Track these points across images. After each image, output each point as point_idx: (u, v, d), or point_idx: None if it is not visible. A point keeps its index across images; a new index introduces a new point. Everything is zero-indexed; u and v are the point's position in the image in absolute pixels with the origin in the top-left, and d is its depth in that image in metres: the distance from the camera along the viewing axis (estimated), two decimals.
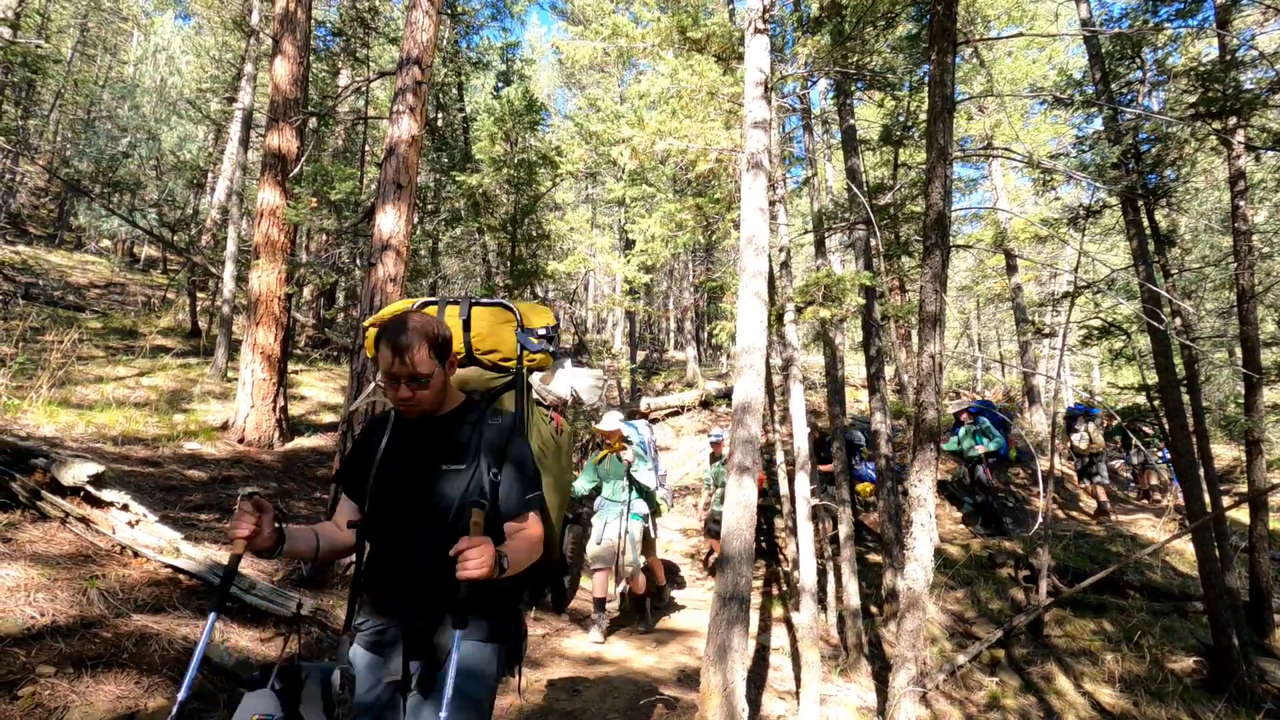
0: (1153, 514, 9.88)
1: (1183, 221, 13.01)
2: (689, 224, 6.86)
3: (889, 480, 6.26)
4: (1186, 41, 7.67)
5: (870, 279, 6.10)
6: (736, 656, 3.56)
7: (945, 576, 7.41)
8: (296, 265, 8.82)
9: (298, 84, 8.16)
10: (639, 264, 11.31)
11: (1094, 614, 6.86)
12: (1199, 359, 7.52)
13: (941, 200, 4.05)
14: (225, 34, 17.38)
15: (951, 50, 4.18)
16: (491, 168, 9.38)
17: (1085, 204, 7.04)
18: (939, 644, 6.30)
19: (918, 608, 3.67)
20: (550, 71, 26.17)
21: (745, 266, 4.27)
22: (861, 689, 5.25)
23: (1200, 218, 13.57)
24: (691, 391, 14.95)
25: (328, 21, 11.93)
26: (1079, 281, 7.06)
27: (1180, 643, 6.40)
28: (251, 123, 15.45)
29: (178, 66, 21.91)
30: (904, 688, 3.61)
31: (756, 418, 4.02)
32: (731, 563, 3.74)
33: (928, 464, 3.85)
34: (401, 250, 5.54)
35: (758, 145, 4.40)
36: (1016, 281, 13.89)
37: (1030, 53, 13.10)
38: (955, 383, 19.06)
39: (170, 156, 17.79)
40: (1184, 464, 5.96)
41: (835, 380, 6.77)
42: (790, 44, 6.48)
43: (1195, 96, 5.95)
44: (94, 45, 23.91)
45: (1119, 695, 5.73)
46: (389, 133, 5.86)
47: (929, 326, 3.95)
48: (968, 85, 11.96)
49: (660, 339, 25.77)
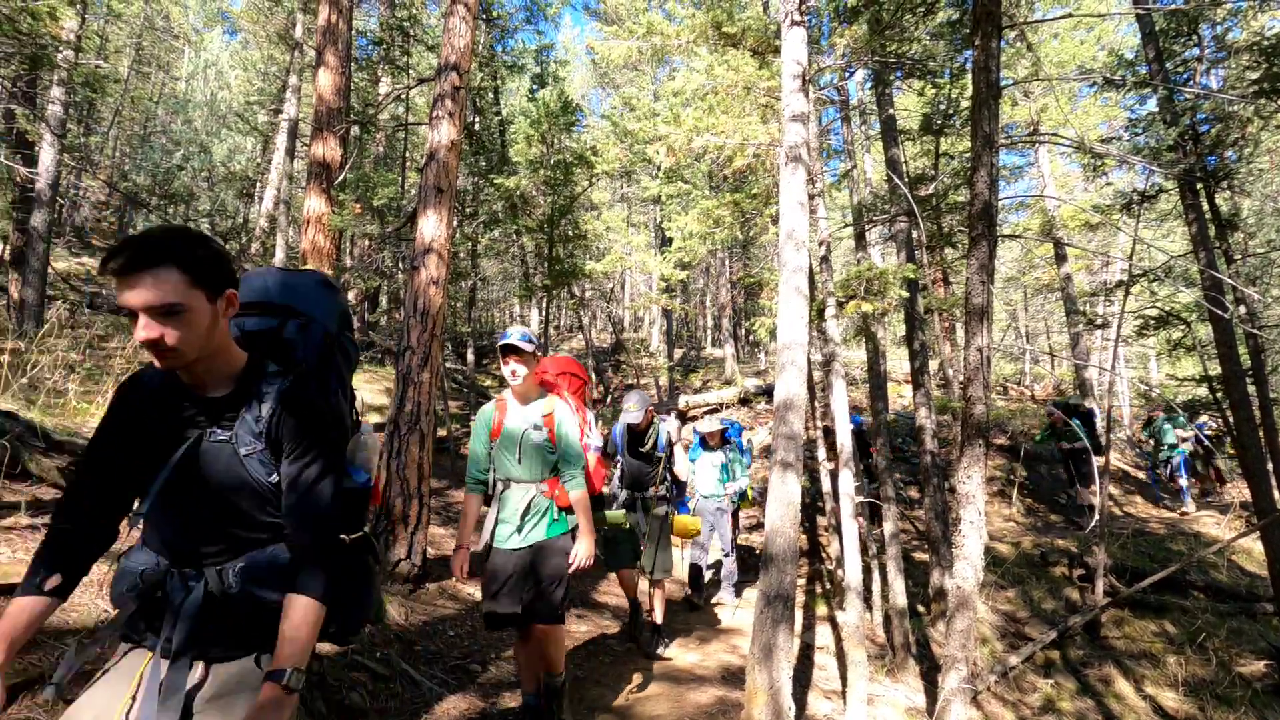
0: (1217, 510, 9.47)
1: (1245, 204, 12.39)
2: (726, 220, 6.83)
3: (935, 477, 6.13)
4: (1248, 15, 7.31)
5: (913, 271, 5.98)
6: (782, 655, 3.53)
7: (995, 575, 7.23)
8: (342, 270, 9.06)
9: (340, 94, 8.36)
10: (676, 261, 11.31)
11: (1155, 615, 6.61)
12: (1265, 348, 7.17)
13: (987, 189, 3.94)
14: (270, 47, 17.95)
15: (997, 34, 4.06)
16: (528, 170, 9.49)
17: (1139, 189, 6.77)
18: (989, 644, 6.15)
19: (968, 607, 3.59)
20: (584, 72, 26.31)
21: (785, 261, 4.23)
22: (909, 689, 5.16)
23: (1266, 200, 12.91)
24: (730, 389, 14.87)
25: (368, 31, 12.22)
26: (1134, 269, 6.80)
27: (1249, 645, 6.12)
28: (297, 133, 15.96)
29: (226, 81, 22.73)
30: (954, 688, 3.53)
31: (799, 414, 3.98)
32: (775, 561, 3.71)
33: (976, 460, 3.75)
34: (443, 253, 5.64)
35: (796, 138, 4.35)
36: (1066, 271, 13.45)
37: (1078, 33, 12.64)
38: (1003, 376, 18.54)
39: (221, 168, 18.49)
40: (1251, 459, 5.69)
41: (877, 375, 6.66)
42: (827, 35, 6.38)
43: (1258, 73, 5.67)
44: (148, 63, 24.91)
45: (1183, 699, 5.51)
46: (429, 138, 5.97)
47: (976, 319, 3.85)
48: (1011, 70, 11.60)
49: (697, 336, 25.69)
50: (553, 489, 3.03)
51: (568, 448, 3.02)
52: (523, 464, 2.99)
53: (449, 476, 8.47)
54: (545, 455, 3.01)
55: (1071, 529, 8.79)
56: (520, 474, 3.00)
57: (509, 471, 3.02)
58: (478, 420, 3.15)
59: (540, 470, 3.01)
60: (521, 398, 3.08)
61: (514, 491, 3.00)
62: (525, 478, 3.00)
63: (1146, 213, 8.52)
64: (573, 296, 12.66)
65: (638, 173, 15.73)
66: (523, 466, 2.99)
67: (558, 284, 9.77)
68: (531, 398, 3.10)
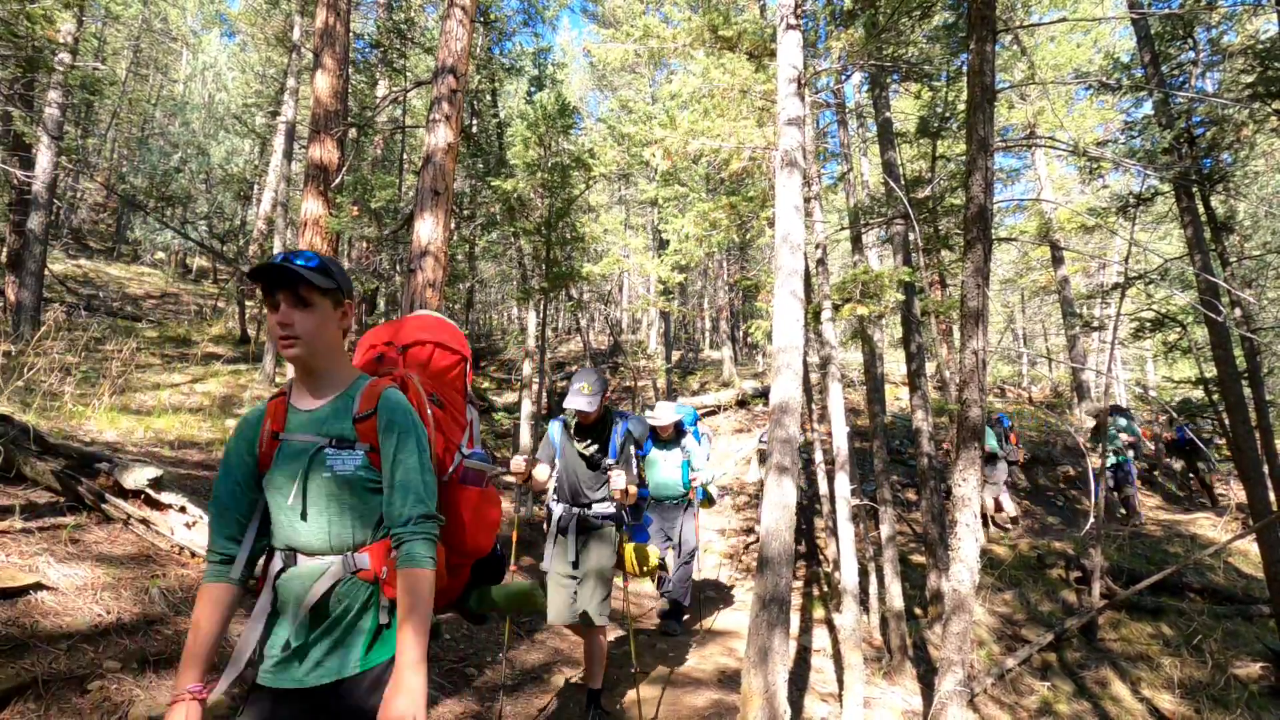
0: (1214, 513, 9.47)
1: (1241, 207, 12.44)
2: (723, 223, 6.83)
3: (932, 479, 6.14)
4: (1242, 19, 7.34)
5: (909, 274, 5.99)
6: (778, 659, 3.53)
7: (992, 577, 7.23)
8: None
9: (338, 96, 8.37)
10: (673, 264, 11.31)
11: (1151, 617, 6.62)
12: (1261, 351, 7.19)
13: (983, 193, 3.95)
14: (268, 50, 17.95)
15: (991, 38, 4.07)
16: (526, 172, 9.49)
17: (1135, 192, 6.79)
18: (986, 647, 6.15)
19: (964, 609, 3.59)
20: (582, 74, 26.35)
21: (781, 265, 4.23)
22: (906, 692, 5.16)
23: (1260, 203, 12.96)
24: (728, 391, 14.88)
25: (365, 34, 12.23)
26: (1130, 272, 6.82)
27: (1245, 647, 6.13)
28: (294, 135, 15.95)
29: (224, 83, 22.74)
30: (951, 691, 3.53)
31: (795, 417, 3.98)
32: (771, 564, 3.71)
33: (972, 463, 3.76)
34: (440, 256, 5.64)
35: (792, 142, 4.36)
36: (1063, 274, 13.49)
37: (1074, 37, 12.69)
38: (1000, 379, 18.57)
39: (219, 170, 18.49)
40: (1247, 461, 5.70)
41: (874, 378, 6.67)
42: (823, 38, 6.40)
43: (1253, 76, 5.69)
44: (146, 65, 24.92)
45: (1179, 701, 5.51)
46: (426, 141, 5.97)
47: (972, 322, 3.86)
48: (1008, 73, 11.65)
49: (695, 339, 25.71)
50: (377, 563, 1.56)
51: (406, 479, 1.55)
52: (314, 517, 1.55)
53: None
54: (362, 496, 1.56)
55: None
56: (310, 538, 1.55)
57: (288, 533, 1.56)
58: (234, 435, 1.64)
59: (352, 527, 1.56)
60: (313, 385, 1.61)
61: (299, 573, 1.54)
62: (320, 544, 1.55)
63: (1142, 216, 8.55)
64: (570, 299, 12.66)
65: (635, 175, 15.75)
66: (314, 523, 1.55)
67: (555, 286, 9.76)
68: (338, 382, 1.64)
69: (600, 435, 3.67)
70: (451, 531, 1.74)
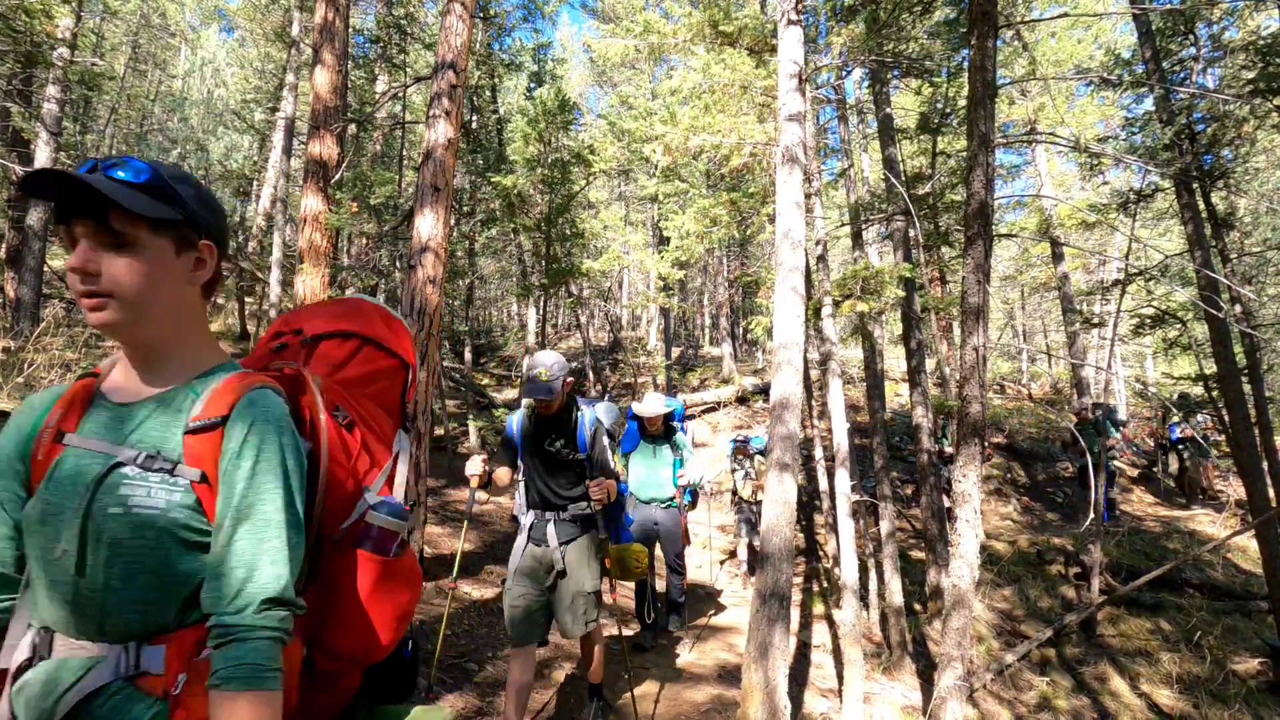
0: (1213, 509, 9.49)
1: (1241, 204, 12.42)
2: (723, 219, 6.83)
3: (931, 475, 6.14)
4: (1244, 14, 7.33)
5: (910, 271, 5.99)
6: (778, 654, 3.54)
7: (992, 573, 7.25)
8: (339, 269, 9.05)
9: (337, 92, 8.35)
10: (673, 260, 11.30)
11: (1150, 613, 6.64)
12: (1261, 347, 7.19)
13: (983, 189, 3.95)
14: (267, 45, 17.90)
15: (992, 33, 4.06)
16: (526, 168, 9.48)
17: (1136, 188, 6.79)
18: (986, 643, 6.17)
19: (964, 605, 3.60)
20: (582, 70, 26.28)
21: (782, 261, 4.23)
22: (906, 687, 5.18)
23: (1261, 199, 12.94)
24: (728, 388, 14.88)
25: (365, 29, 12.20)
26: (1130, 268, 6.82)
27: (1244, 643, 6.15)
28: (294, 131, 15.92)
29: (223, 79, 22.68)
30: (950, 686, 3.54)
31: (795, 414, 3.98)
32: (771, 560, 3.72)
33: (972, 459, 3.76)
34: (440, 252, 5.63)
35: (792, 138, 4.36)
36: (1063, 270, 13.46)
37: (1075, 32, 12.65)
38: (1000, 375, 18.58)
39: (218, 166, 18.46)
40: (1246, 457, 5.71)
41: (875, 374, 6.68)
42: (824, 34, 6.38)
43: (1254, 72, 5.68)
44: (145, 61, 24.83)
45: (1178, 697, 5.53)
46: (426, 137, 5.96)
47: (972, 319, 3.86)
48: (1009, 69, 11.62)
49: (695, 335, 25.70)
50: (174, 667, 0.92)
51: (254, 535, 0.93)
52: (91, 577, 0.91)
53: (446, 476, 8.47)
54: (170, 554, 0.93)
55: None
56: (77, 611, 0.92)
57: (45, 602, 0.94)
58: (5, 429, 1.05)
59: (142, 603, 0.93)
60: (144, 368, 1.05)
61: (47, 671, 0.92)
62: (86, 624, 0.93)
63: (1143, 212, 8.55)
64: (570, 295, 12.64)
65: (635, 171, 15.72)
66: (88, 587, 0.92)
67: (555, 283, 9.76)
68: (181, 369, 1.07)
69: (565, 427, 3.14)
70: (329, 620, 1.09)
